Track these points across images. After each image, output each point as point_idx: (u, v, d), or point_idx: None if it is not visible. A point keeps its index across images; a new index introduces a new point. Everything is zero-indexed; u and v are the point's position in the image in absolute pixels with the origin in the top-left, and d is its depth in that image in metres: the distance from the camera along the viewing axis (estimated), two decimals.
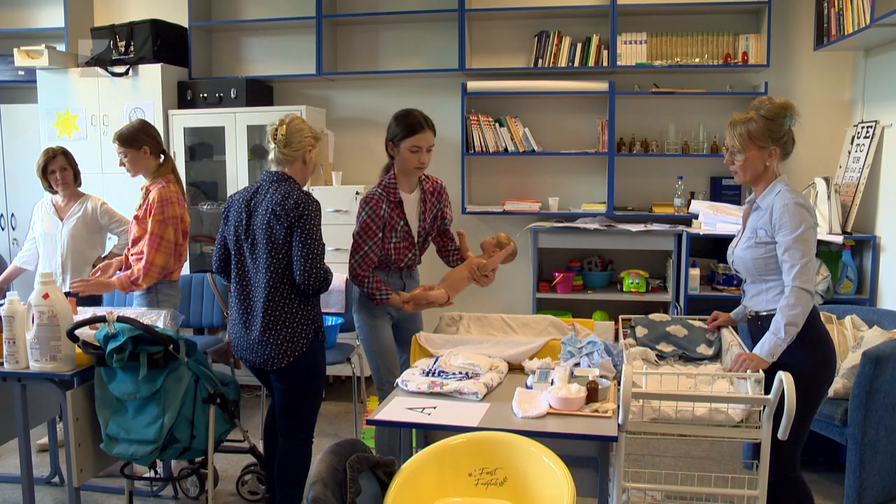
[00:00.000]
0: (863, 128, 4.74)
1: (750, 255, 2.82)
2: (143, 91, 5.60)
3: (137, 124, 3.94)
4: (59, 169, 4.33)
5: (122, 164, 3.93)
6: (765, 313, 2.84)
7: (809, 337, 2.74)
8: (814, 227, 2.75)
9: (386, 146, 3.48)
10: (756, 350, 2.71)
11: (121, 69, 5.58)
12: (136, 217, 3.88)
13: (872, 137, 4.59)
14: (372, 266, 3.45)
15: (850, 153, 4.85)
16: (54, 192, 4.44)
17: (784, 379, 2.37)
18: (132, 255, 3.89)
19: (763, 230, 2.79)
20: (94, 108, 5.67)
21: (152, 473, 3.71)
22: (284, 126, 3.15)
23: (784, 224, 2.71)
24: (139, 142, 3.86)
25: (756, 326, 2.90)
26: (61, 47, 5.79)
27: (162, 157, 3.96)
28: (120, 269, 3.92)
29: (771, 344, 2.68)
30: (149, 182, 3.91)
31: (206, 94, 5.72)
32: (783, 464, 2.80)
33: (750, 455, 3.83)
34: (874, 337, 3.79)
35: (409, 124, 3.39)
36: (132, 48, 5.62)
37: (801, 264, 2.67)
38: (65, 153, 4.39)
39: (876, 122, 4.60)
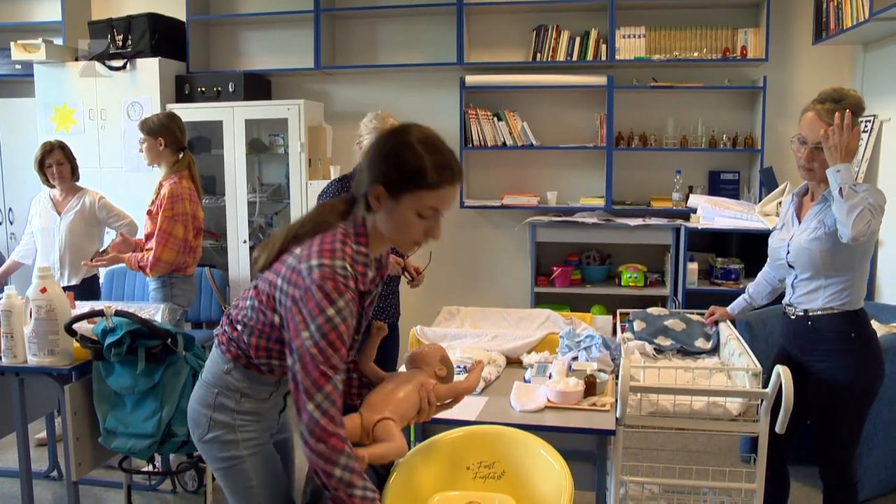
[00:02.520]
0: (862, 122, 4.73)
1: (817, 246, 2.65)
2: (141, 85, 5.59)
3: (163, 115, 4.01)
4: (56, 163, 4.33)
5: (140, 150, 3.96)
6: (819, 313, 2.72)
7: (864, 337, 2.70)
8: (884, 206, 2.58)
9: (368, 190, 1.83)
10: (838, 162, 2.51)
11: (118, 63, 5.57)
12: (148, 212, 3.89)
13: (871, 132, 4.58)
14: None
15: None
16: (52, 187, 4.43)
17: (781, 373, 2.37)
18: (144, 251, 3.90)
19: (834, 221, 2.57)
20: (91, 103, 5.66)
21: (151, 467, 3.71)
22: None
23: (866, 191, 2.51)
24: (156, 132, 3.89)
25: (804, 327, 2.76)
26: (58, 41, 5.77)
27: (182, 153, 3.97)
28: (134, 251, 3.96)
29: (846, 173, 2.48)
30: (163, 177, 3.93)
31: (203, 89, 5.70)
32: (843, 469, 2.79)
33: (748, 448, 3.83)
34: None
35: (441, 166, 1.83)
36: (130, 42, 5.60)
37: (875, 211, 2.49)
38: (62, 147, 4.38)
39: (874, 116, 4.60)
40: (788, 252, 2.79)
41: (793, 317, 2.84)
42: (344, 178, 3.49)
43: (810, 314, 2.75)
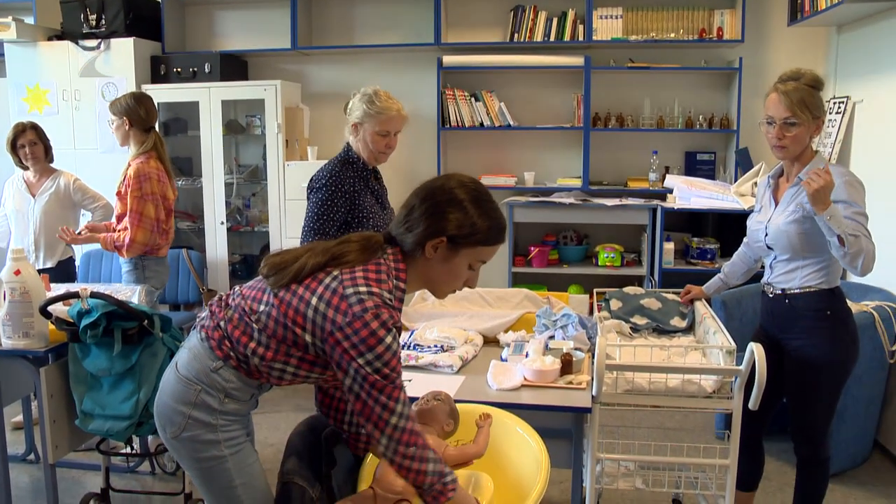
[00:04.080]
0: (835, 103, 4.78)
1: (795, 229, 2.68)
2: (116, 65, 5.53)
3: (130, 96, 3.92)
4: (28, 143, 4.28)
5: (112, 131, 3.93)
6: (797, 291, 2.76)
7: (841, 314, 2.74)
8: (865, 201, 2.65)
9: (429, 239, 1.88)
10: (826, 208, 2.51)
11: (92, 43, 5.50)
12: (117, 193, 3.85)
13: (844, 113, 4.63)
14: None
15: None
16: (25, 168, 4.38)
17: (755, 350, 2.40)
18: (118, 231, 3.87)
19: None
20: (65, 83, 5.59)
21: (129, 449, 3.70)
22: None
23: (848, 197, 2.58)
24: (122, 112, 3.83)
25: (783, 306, 2.81)
26: (29, 20, 5.68)
27: (149, 133, 3.92)
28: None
29: (837, 216, 2.49)
30: (131, 157, 3.88)
31: (179, 69, 5.65)
32: (818, 445, 2.84)
33: (722, 425, 3.88)
34: None
35: (501, 228, 1.95)
36: (103, 22, 5.53)
37: (868, 235, 2.56)
38: (34, 128, 4.33)
39: (847, 97, 4.64)
40: (767, 234, 2.83)
41: (771, 295, 2.88)
42: (343, 165, 3.13)
43: (788, 293, 2.79)
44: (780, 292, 2.83)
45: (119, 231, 3.83)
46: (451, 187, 1.90)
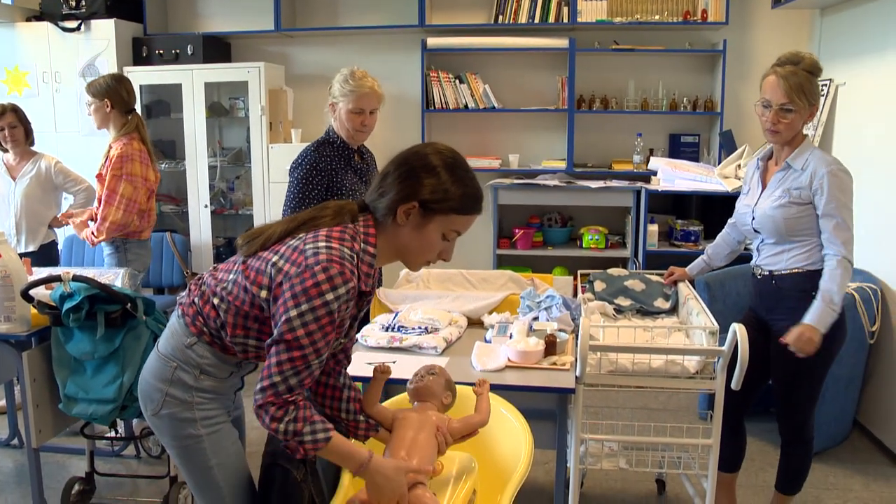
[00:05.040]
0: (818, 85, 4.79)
1: (781, 214, 2.72)
2: (97, 47, 5.47)
3: (109, 77, 3.87)
4: (8, 126, 4.22)
5: (89, 113, 3.87)
6: (783, 272, 2.79)
7: None
8: (853, 193, 2.69)
9: (400, 204, 1.85)
10: (810, 321, 2.64)
11: (72, 24, 5.44)
12: (98, 175, 3.82)
13: (827, 95, 4.64)
14: None
15: None
16: (5, 151, 4.33)
17: (738, 331, 2.42)
18: (100, 213, 3.84)
19: (798, 191, 2.68)
20: (45, 65, 5.53)
21: (113, 433, 3.70)
22: None
23: (831, 191, 2.62)
24: (102, 94, 3.79)
25: (770, 287, 2.83)
26: (7, 0, 5.61)
27: (130, 115, 3.88)
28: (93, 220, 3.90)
29: (829, 316, 2.62)
30: (112, 139, 3.85)
31: (161, 51, 5.60)
32: (803, 424, 2.87)
33: (705, 406, 3.92)
34: None
35: (476, 197, 1.91)
36: (83, 2, 5.46)
37: (849, 235, 2.64)
38: (15, 110, 4.27)
39: (830, 80, 4.66)
40: (754, 218, 2.85)
41: (759, 277, 2.91)
42: (320, 146, 3.21)
43: (775, 274, 2.82)
44: (767, 274, 2.85)
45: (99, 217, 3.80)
46: (427, 153, 1.87)
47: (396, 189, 1.84)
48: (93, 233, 3.77)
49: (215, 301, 1.86)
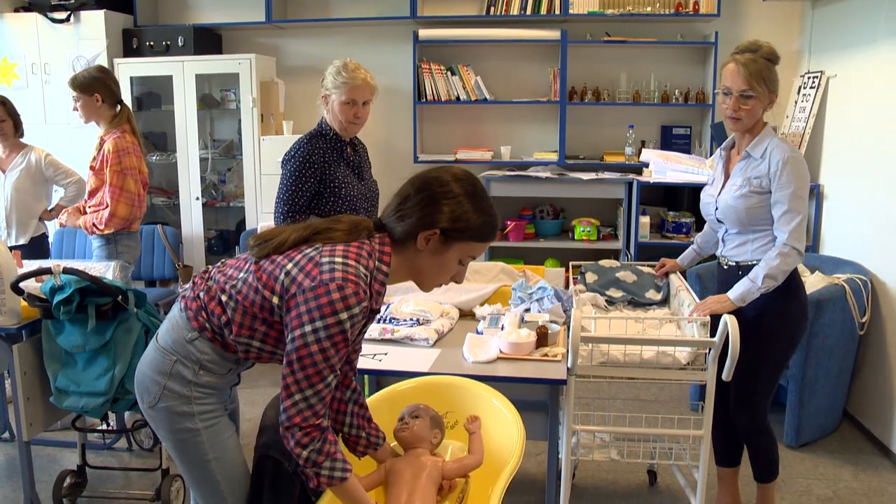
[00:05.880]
0: (809, 78, 4.80)
1: (743, 204, 2.74)
2: (87, 38, 5.43)
3: (94, 70, 3.83)
4: None
5: (75, 108, 3.83)
6: (751, 263, 2.78)
7: (792, 286, 2.76)
8: (808, 183, 2.73)
9: (421, 231, 1.85)
10: (729, 293, 2.72)
11: (61, 15, 5.40)
12: (91, 168, 3.80)
13: (818, 88, 4.65)
14: None
15: (796, 103, 4.91)
16: None
17: (729, 322, 2.43)
18: (90, 206, 3.82)
19: (758, 179, 2.71)
20: (34, 57, 5.50)
21: (105, 426, 3.69)
22: None
23: (784, 178, 2.65)
24: (91, 88, 3.75)
25: (736, 277, 2.83)
26: None
27: (119, 107, 3.86)
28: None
29: (744, 289, 2.68)
30: (103, 132, 3.82)
31: (152, 43, 5.57)
32: (756, 414, 2.87)
33: (697, 398, 3.93)
34: (816, 282, 3.90)
35: (494, 226, 1.93)
36: None
37: (797, 223, 2.65)
38: (3, 102, 4.25)
39: (821, 72, 4.67)
40: (717, 208, 2.87)
41: (725, 267, 2.92)
42: (313, 138, 3.19)
43: (741, 265, 2.83)
44: (734, 265, 2.87)
45: (94, 208, 3.78)
46: (447, 180, 1.87)
47: (418, 215, 1.84)
48: (94, 223, 3.74)
49: (223, 298, 1.85)
